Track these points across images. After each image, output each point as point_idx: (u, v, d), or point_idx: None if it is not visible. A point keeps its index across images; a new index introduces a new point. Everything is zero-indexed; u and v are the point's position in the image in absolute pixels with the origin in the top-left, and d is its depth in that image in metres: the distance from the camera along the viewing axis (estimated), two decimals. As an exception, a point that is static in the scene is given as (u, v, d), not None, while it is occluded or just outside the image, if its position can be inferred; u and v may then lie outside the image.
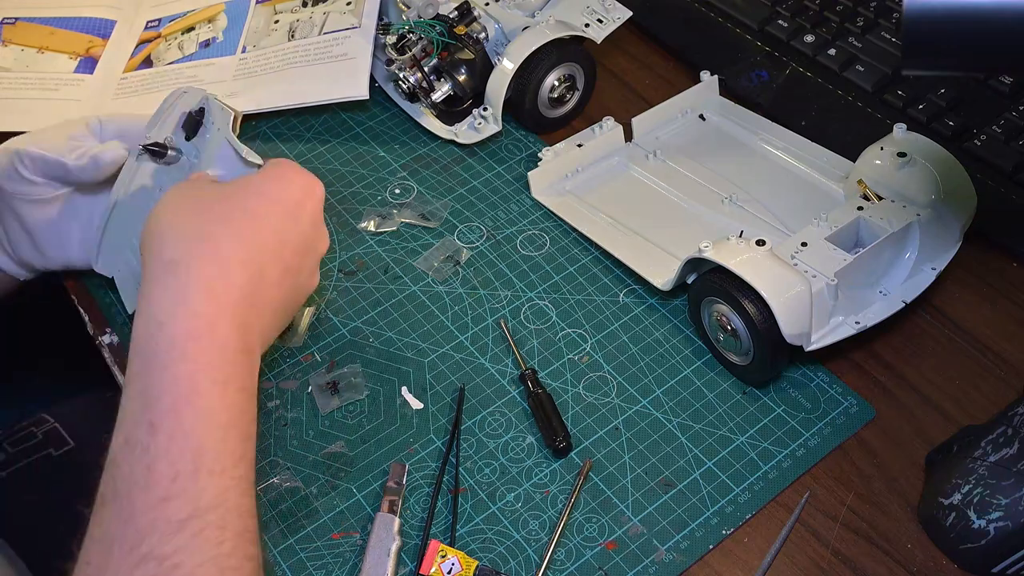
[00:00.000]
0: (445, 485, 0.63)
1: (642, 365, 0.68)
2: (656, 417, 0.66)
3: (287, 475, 0.65)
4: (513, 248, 0.77)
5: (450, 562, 0.58)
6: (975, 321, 0.69)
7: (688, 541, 0.60)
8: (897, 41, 0.83)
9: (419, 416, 0.67)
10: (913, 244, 0.67)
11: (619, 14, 0.85)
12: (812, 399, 0.66)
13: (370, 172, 0.83)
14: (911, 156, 0.68)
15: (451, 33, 0.82)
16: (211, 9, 0.96)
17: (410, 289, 0.74)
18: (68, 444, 0.85)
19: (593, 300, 0.73)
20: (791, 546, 0.59)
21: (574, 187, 0.79)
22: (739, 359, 0.66)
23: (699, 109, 0.84)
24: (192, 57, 0.92)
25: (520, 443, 0.65)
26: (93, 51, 0.95)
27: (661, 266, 0.71)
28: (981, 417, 0.63)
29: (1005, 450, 0.57)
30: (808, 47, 0.85)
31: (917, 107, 0.79)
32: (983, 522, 0.56)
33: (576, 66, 0.83)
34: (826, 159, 0.77)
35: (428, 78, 0.82)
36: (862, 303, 0.66)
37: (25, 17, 0.98)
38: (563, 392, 0.67)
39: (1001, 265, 0.72)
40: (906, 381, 0.67)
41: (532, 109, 0.83)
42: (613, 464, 0.64)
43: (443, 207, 0.80)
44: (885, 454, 0.63)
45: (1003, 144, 0.75)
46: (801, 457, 0.63)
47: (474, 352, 0.70)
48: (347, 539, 0.61)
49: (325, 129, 0.87)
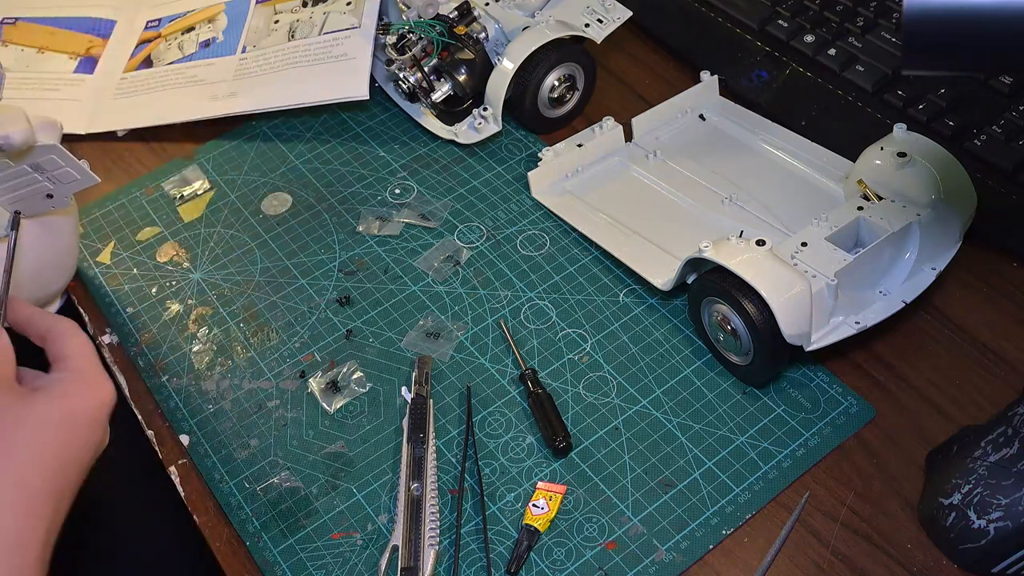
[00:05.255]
0: (444, 486, 0.63)
1: (642, 365, 0.69)
2: (656, 417, 0.66)
3: (287, 475, 0.65)
4: (513, 248, 0.77)
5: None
6: (975, 321, 0.69)
7: (688, 541, 0.60)
8: (897, 41, 0.83)
9: (419, 416, 0.67)
10: (913, 244, 0.67)
11: (619, 14, 0.85)
12: (812, 399, 0.66)
13: (370, 172, 0.83)
14: (911, 156, 0.68)
15: (451, 33, 0.82)
16: (211, 9, 0.96)
17: (410, 289, 0.74)
18: None
19: (593, 300, 0.73)
20: (791, 546, 0.59)
21: (574, 187, 0.79)
22: (739, 359, 0.66)
23: (699, 109, 0.84)
24: (192, 57, 0.92)
25: (520, 443, 0.65)
26: (93, 51, 0.95)
27: (661, 266, 0.71)
28: (981, 417, 0.63)
29: (1005, 450, 0.57)
30: (808, 47, 0.85)
31: (917, 107, 0.79)
32: (983, 522, 0.56)
33: (576, 66, 0.83)
34: (826, 159, 0.77)
35: (428, 78, 0.82)
36: (862, 303, 0.66)
37: (25, 17, 0.98)
38: (563, 392, 0.67)
39: (1001, 265, 0.72)
40: (906, 381, 0.67)
41: (532, 109, 0.83)
42: (613, 464, 0.64)
43: (443, 207, 0.80)
44: (885, 454, 0.63)
45: (1003, 144, 0.75)
46: (801, 457, 0.63)
47: (474, 352, 0.70)
48: (347, 539, 0.61)
49: (325, 129, 0.87)
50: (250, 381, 0.70)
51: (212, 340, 0.72)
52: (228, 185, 0.83)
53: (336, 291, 0.75)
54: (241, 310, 0.74)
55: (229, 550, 0.62)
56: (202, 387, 0.70)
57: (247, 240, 0.79)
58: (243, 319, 0.74)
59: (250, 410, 0.68)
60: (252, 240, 0.79)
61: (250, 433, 0.67)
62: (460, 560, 0.60)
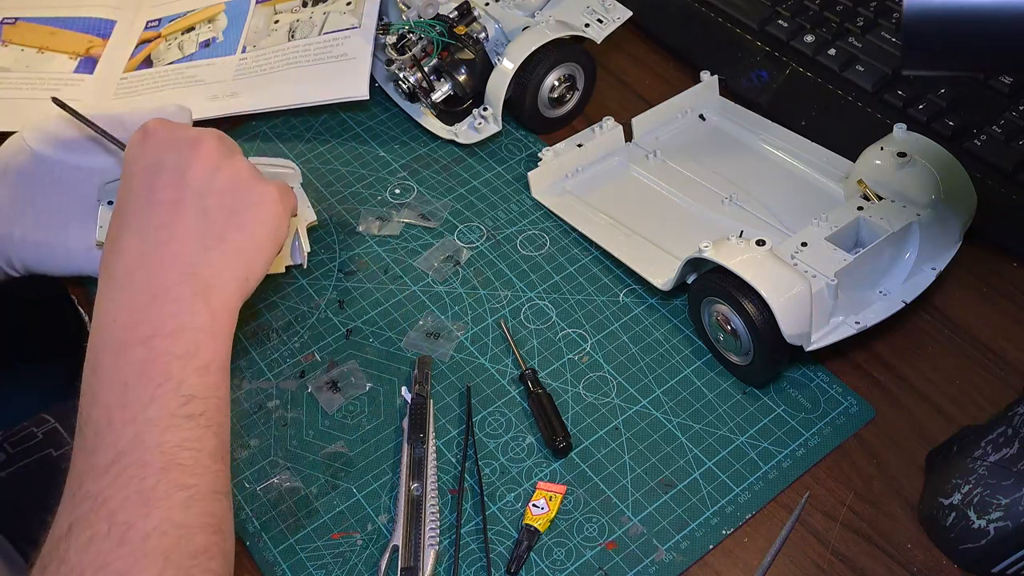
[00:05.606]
0: (444, 486, 0.63)
1: (642, 365, 0.69)
2: (656, 417, 0.66)
3: (287, 475, 0.65)
4: (513, 248, 0.77)
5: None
6: (975, 321, 0.69)
7: (688, 541, 0.60)
8: (897, 41, 0.83)
9: (419, 416, 0.67)
10: (913, 244, 0.67)
11: (619, 14, 0.85)
12: (812, 399, 0.66)
13: (370, 172, 0.83)
14: (911, 156, 0.68)
15: (451, 33, 0.82)
16: (211, 9, 0.96)
17: (410, 289, 0.74)
18: (68, 444, 0.84)
19: (593, 300, 0.73)
20: (791, 546, 0.59)
21: (574, 187, 0.79)
22: (739, 359, 0.66)
23: (699, 109, 0.84)
24: (192, 57, 0.92)
25: (520, 443, 0.65)
26: (93, 51, 0.95)
27: (661, 266, 0.71)
28: (981, 417, 0.63)
29: (1005, 450, 0.57)
30: (808, 47, 0.85)
31: (917, 107, 0.79)
32: (983, 522, 0.56)
33: (576, 66, 0.83)
34: (826, 159, 0.77)
35: (428, 78, 0.82)
36: (862, 303, 0.66)
37: (25, 17, 0.98)
38: (563, 392, 0.67)
39: (1001, 265, 0.72)
40: (906, 381, 0.67)
41: (532, 109, 0.83)
42: (613, 464, 0.64)
43: (443, 207, 0.80)
44: (885, 454, 0.63)
45: (1003, 144, 0.75)
46: (801, 457, 0.63)
47: (474, 352, 0.70)
48: (347, 539, 0.61)
49: (325, 129, 0.87)
50: (250, 381, 0.70)
51: (212, 340, 0.72)
52: (228, 185, 0.83)
53: (336, 291, 0.75)
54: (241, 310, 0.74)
55: (229, 550, 0.62)
56: (202, 387, 0.70)
57: (247, 240, 0.79)
58: (243, 319, 0.73)
59: (250, 410, 0.68)
60: (252, 240, 0.79)
61: (250, 433, 0.67)
62: (460, 560, 0.60)
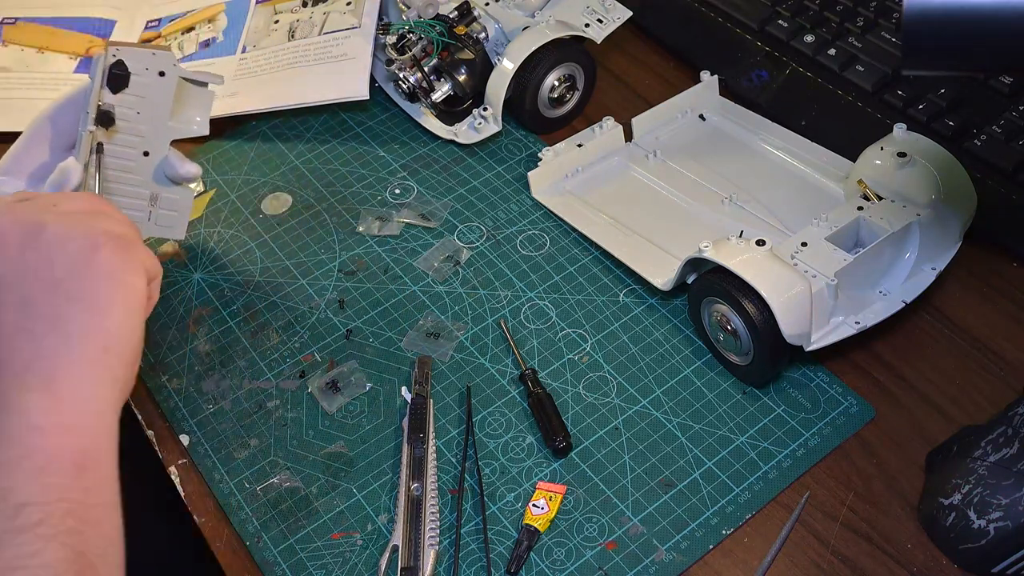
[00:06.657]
0: (444, 486, 0.63)
1: (642, 365, 0.69)
2: (656, 417, 0.66)
3: (287, 475, 0.65)
4: (513, 248, 0.77)
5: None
6: (975, 321, 0.69)
7: (688, 541, 0.60)
8: (897, 41, 0.83)
9: (419, 416, 0.67)
10: (913, 244, 0.67)
11: (619, 14, 0.85)
12: (812, 399, 0.66)
13: (370, 172, 0.83)
14: (911, 156, 0.68)
15: (451, 33, 0.82)
16: (211, 9, 0.96)
17: (410, 289, 0.74)
18: None
19: (593, 300, 0.73)
20: (791, 546, 0.59)
21: (574, 187, 0.79)
22: (739, 359, 0.66)
23: (699, 109, 0.84)
24: (192, 57, 0.92)
25: (520, 443, 0.65)
26: (93, 51, 0.95)
27: (661, 266, 0.71)
28: (981, 417, 0.63)
29: (1005, 450, 0.57)
30: (808, 47, 0.85)
31: (917, 107, 0.79)
32: (983, 522, 0.56)
33: (576, 66, 0.83)
34: (826, 159, 0.77)
35: (428, 78, 0.82)
36: (862, 303, 0.66)
37: (25, 17, 0.98)
38: (563, 392, 0.67)
39: (1001, 265, 0.72)
40: (906, 381, 0.67)
41: (532, 109, 0.83)
42: (613, 464, 0.64)
43: (443, 207, 0.80)
44: (885, 454, 0.63)
45: (1003, 144, 0.75)
46: (801, 457, 0.63)
47: (474, 352, 0.70)
48: (347, 539, 0.61)
49: (325, 129, 0.87)
50: (250, 381, 0.70)
51: (212, 340, 0.72)
52: (228, 185, 0.83)
53: (336, 291, 0.75)
54: (241, 310, 0.74)
55: (229, 550, 0.62)
56: (202, 387, 0.70)
57: (247, 240, 0.79)
58: (243, 319, 0.74)
59: (250, 410, 0.68)
60: (252, 240, 0.79)
61: (250, 433, 0.67)
62: (460, 560, 0.60)
